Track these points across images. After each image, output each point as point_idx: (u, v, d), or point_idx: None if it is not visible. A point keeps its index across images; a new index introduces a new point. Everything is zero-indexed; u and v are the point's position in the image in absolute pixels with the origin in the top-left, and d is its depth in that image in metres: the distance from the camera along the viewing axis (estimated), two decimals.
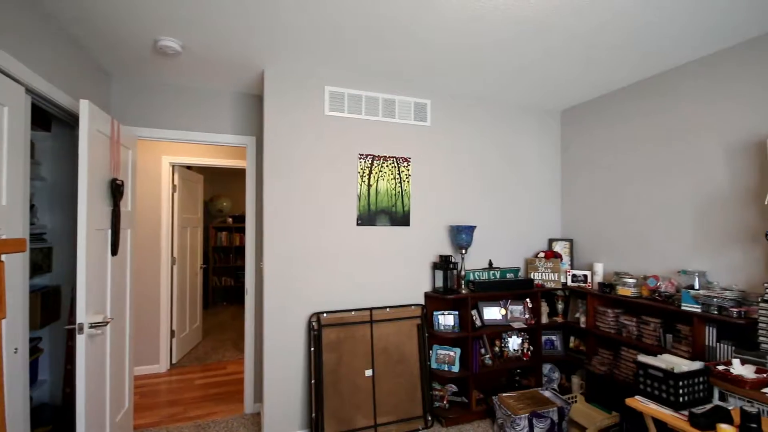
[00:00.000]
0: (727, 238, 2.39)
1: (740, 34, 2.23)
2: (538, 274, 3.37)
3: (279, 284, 2.72)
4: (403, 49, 2.43)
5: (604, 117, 3.26)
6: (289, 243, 2.76)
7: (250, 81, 2.95)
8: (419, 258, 3.14)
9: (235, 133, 3.15)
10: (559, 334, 3.37)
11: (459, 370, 2.97)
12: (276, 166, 2.74)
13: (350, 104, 2.94)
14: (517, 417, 2.57)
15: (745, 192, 2.32)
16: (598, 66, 2.69)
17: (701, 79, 2.55)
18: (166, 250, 4.02)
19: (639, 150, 2.96)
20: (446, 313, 3.07)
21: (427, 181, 3.19)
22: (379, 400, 2.78)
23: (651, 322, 2.59)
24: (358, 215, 2.95)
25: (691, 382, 1.78)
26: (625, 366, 2.69)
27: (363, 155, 2.97)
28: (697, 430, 1.56)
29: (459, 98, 3.32)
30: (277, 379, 2.69)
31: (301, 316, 2.77)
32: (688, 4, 1.94)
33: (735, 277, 2.35)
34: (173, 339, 4.15)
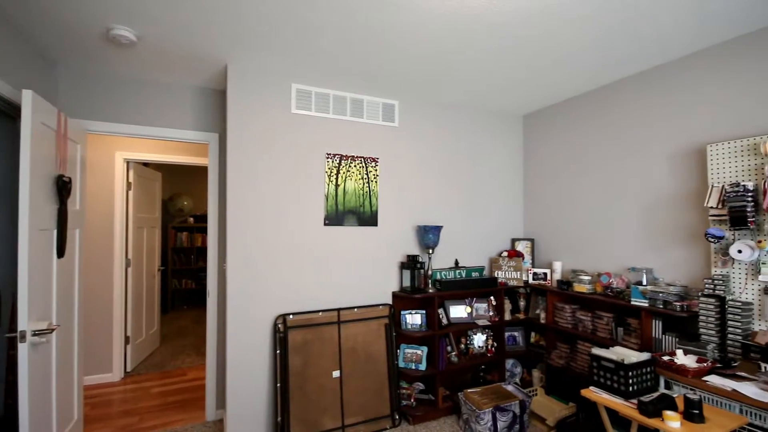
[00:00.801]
0: (672, 238, 2.58)
1: (679, 50, 2.41)
2: (501, 272, 3.48)
3: (243, 286, 2.64)
4: (371, 49, 2.43)
5: (562, 122, 3.41)
6: (254, 243, 2.68)
7: (212, 75, 2.84)
8: (387, 258, 3.16)
9: (196, 129, 3.02)
10: (521, 330, 3.50)
11: (426, 368, 3.01)
12: (240, 165, 2.66)
13: (318, 103, 2.90)
14: (481, 412, 2.64)
15: (687, 195, 2.51)
16: (555, 73, 2.81)
17: (649, 89, 2.73)
18: (120, 252, 3.79)
19: (593, 154, 3.13)
20: (414, 312, 3.10)
21: (395, 182, 3.21)
22: (346, 400, 2.76)
23: (604, 317, 2.75)
24: (326, 215, 2.92)
25: (639, 372, 1.90)
26: (581, 359, 2.84)
27: (331, 155, 2.95)
28: (645, 417, 1.67)
29: (428, 100, 3.37)
30: (241, 383, 2.61)
31: (266, 319, 2.70)
32: (634, 18, 2.07)
33: (678, 273, 2.54)
34: (128, 346, 3.92)
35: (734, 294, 2.19)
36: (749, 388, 1.72)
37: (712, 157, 2.31)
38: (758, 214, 2.10)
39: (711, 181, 2.31)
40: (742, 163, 2.19)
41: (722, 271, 2.24)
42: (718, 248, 2.27)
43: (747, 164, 2.17)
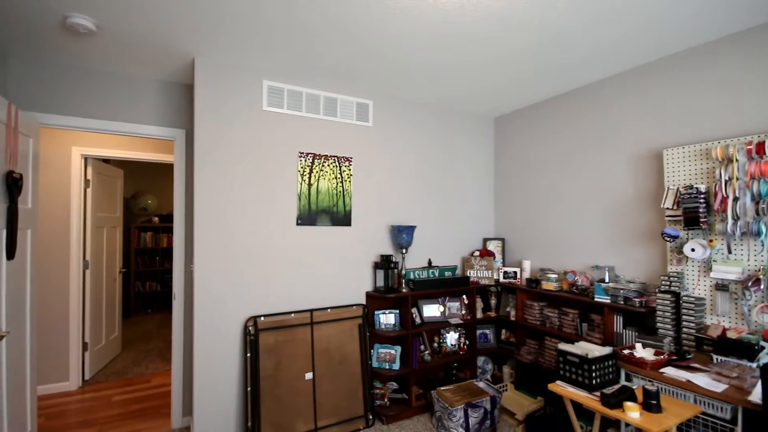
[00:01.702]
0: (632, 237, 2.72)
1: (638, 59, 2.54)
2: (473, 271, 3.55)
3: (211, 288, 2.56)
4: (344, 48, 2.41)
5: (531, 126, 3.52)
6: (223, 244, 2.60)
7: (179, 69, 2.73)
8: (361, 258, 3.14)
9: (161, 125, 2.90)
10: (492, 327, 3.58)
11: (399, 367, 3.02)
12: (208, 162, 2.57)
13: (290, 100, 2.85)
14: (453, 409, 2.68)
15: (646, 196, 2.64)
16: (525, 78, 2.89)
17: (612, 95, 2.86)
18: (77, 253, 3.58)
19: (560, 157, 3.25)
20: (387, 312, 3.11)
21: (368, 182, 3.21)
22: (320, 402, 2.73)
23: (570, 313, 2.85)
24: (299, 215, 2.87)
25: (602, 366, 1.98)
26: (548, 354, 2.93)
27: (303, 153, 2.90)
28: (607, 409, 1.75)
29: (402, 100, 3.38)
30: (209, 388, 2.53)
31: (236, 321, 2.63)
32: (597, 28, 2.16)
33: (638, 271, 2.67)
34: (86, 352, 3.71)
35: (688, 290, 2.33)
36: (702, 379, 1.83)
37: (668, 160, 2.45)
38: (710, 215, 2.25)
39: (667, 183, 2.45)
40: (695, 166, 2.34)
41: (677, 268, 2.38)
42: (673, 247, 2.41)
43: (700, 168, 2.32)
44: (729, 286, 2.16)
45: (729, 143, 2.17)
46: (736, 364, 1.93)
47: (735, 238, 2.13)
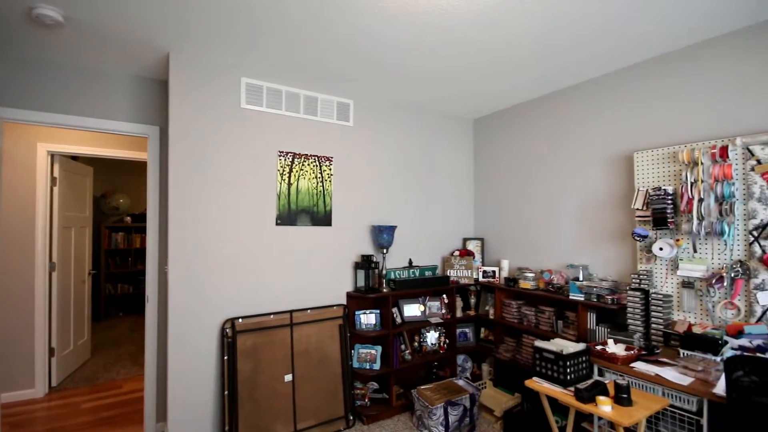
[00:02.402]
0: (605, 236, 2.81)
1: (611, 65, 2.63)
2: (453, 271, 3.58)
3: (187, 290, 2.49)
4: (325, 47, 2.39)
5: (510, 128, 3.59)
6: (199, 244, 2.54)
7: (153, 64, 2.64)
8: (341, 258, 3.13)
9: (134, 121, 2.80)
10: (472, 326, 3.63)
11: (380, 367, 3.02)
12: (184, 160, 2.50)
13: (269, 98, 2.81)
14: (433, 407, 2.70)
15: (617, 197, 2.74)
16: (504, 80, 2.95)
17: (587, 99, 2.94)
18: (43, 254, 3.41)
19: (537, 158, 3.32)
20: (368, 312, 3.10)
21: (349, 181, 3.19)
22: (299, 404, 2.70)
23: (546, 311, 2.93)
24: (278, 214, 2.83)
25: (576, 362, 2.04)
26: (525, 351, 3.00)
27: (283, 152, 2.86)
28: (581, 404, 1.80)
29: (383, 101, 3.38)
30: (184, 393, 2.46)
31: (212, 324, 2.57)
32: (573, 36, 2.23)
33: (610, 269, 2.77)
34: (53, 358, 3.54)
35: (657, 287, 2.43)
36: (670, 373, 1.91)
37: (639, 163, 2.55)
38: (677, 216, 2.35)
39: (637, 185, 2.55)
40: (663, 169, 2.44)
41: (646, 266, 2.48)
42: (642, 246, 2.50)
43: (668, 170, 2.42)
44: (694, 284, 2.26)
45: (695, 147, 2.27)
46: (702, 358, 2.02)
47: (700, 237, 2.23)
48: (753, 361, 1.49)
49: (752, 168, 2.06)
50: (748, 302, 2.07)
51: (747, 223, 2.08)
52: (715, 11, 2.00)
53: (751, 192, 2.06)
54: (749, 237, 2.07)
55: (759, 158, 2.04)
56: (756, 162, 2.05)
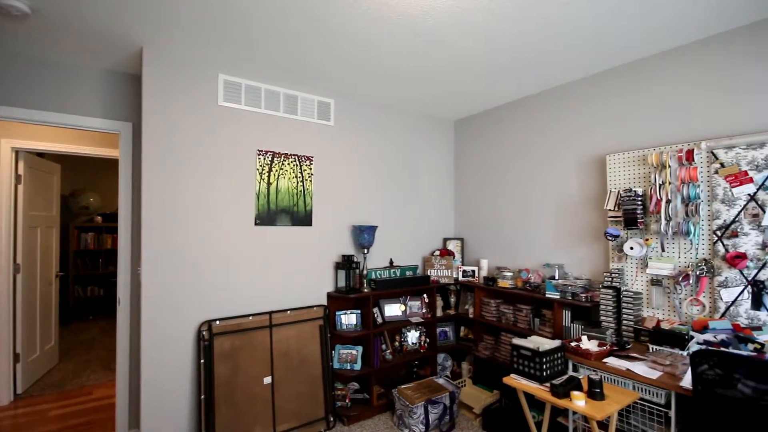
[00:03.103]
0: (579, 236, 2.89)
1: (584, 70, 2.71)
2: (434, 270, 3.62)
3: (161, 292, 2.42)
4: (305, 45, 2.36)
5: (490, 129, 3.65)
6: (174, 245, 2.47)
7: (126, 58, 2.55)
8: (322, 258, 3.11)
9: (105, 117, 2.70)
10: (452, 325, 3.67)
11: (361, 367, 3.02)
12: (158, 158, 2.43)
13: (248, 96, 2.76)
14: (413, 406, 2.72)
15: (591, 198, 2.82)
16: (483, 83, 2.99)
17: (563, 102, 3.02)
18: (7, 255, 3.24)
19: (515, 159, 3.39)
20: (349, 312, 3.09)
21: (330, 181, 3.17)
22: (279, 407, 2.66)
23: (523, 309, 2.99)
24: (257, 214, 2.79)
25: (552, 358, 2.10)
26: (504, 349, 3.06)
27: (262, 151, 2.82)
28: (556, 399, 1.85)
29: (363, 101, 3.38)
30: (158, 399, 2.39)
31: (188, 326, 2.50)
32: (551, 39, 2.29)
33: (584, 268, 2.85)
34: (17, 364, 3.37)
35: (627, 285, 2.52)
36: (640, 367, 1.99)
37: (611, 165, 2.63)
38: (646, 216, 2.44)
39: (609, 186, 2.63)
40: (634, 171, 2.53)
41: (618, 265, 2.57)
42: (614, 245, 2.59)
43: (638, 172, 2.51)
44: (663, 281, 2.36)
45: (663, 150, 2.37)
46: (669, 352, 2.11)
47: (668, 237, 2.33)
48: (717, 355, 1.56)
49: (716, 171, 2.16)
50: (712, 299, 2.18)
51: (711, 224, 2.18)
52: (680, 22, 2.09)
53: (715, 194, 2.17)
54: (713, 237, 2.17)
55: (722, 162, 2.14)
56: (720, 165, 2.15)
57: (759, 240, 2.01)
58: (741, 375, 1.49)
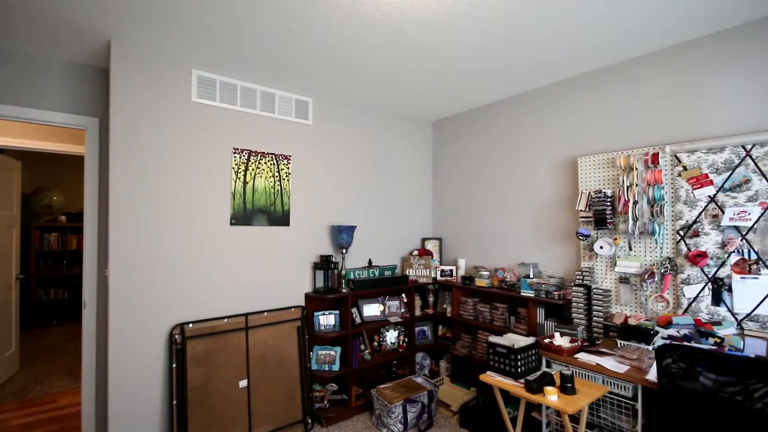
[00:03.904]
0: (552, 236, 2.97)
1: (558, 75, 2.79)
2: (412, 270, 3.64)
3: (129, 294, 2.33)
4: (282, 42, 2.33)
5: (467, 131, 3.70)
6: (144, 245, 2.38)
7: (92, 51, 2.44)
8: (300, 258, 3.07)
9: (70, 111, 2.57)
10: (430, 324, 3.70)
11: (339, 368, 3.00)
12: (127, 155, 2.34)
13: (223, 93, 2.69)
14: (392, 405, 2.73)
15: (564, 199, 2.91)
16: (460, 85, 3.03)
17: (538, 106, 3.10)
18: None
19: (492, 161, 3.45)
20: (327, 312, 3.07)
21: (308, 181, 3.14)
22: (255, 410, 2.61)
23: (500, 307, 3.05)
24: (232, 214, 2.73)
25: (526, 355, 2.15)
26: (481, 347, 3.11)
27: (238, 150, 2.76)
28: (530, 394, 1.90)
29: (342, 100, 3.36)
30: (128, 406, 2.30)
31: (159, 330, 2.42)
32: (524, 44, 2.34)
33: (557, 267, 2.93)
34: None
35: (598, 283, 2.61)
36: (609, 362, 2.07)
37: (582, 167, 2.72)
38: (615, 217, 2.54)
39: (581, 188, 2.72)
40: (604, 173, 2.62)
41: (589, 264, 2.65)
42: (585, 245, 2.68)
43: (607, 175, 2.61)
44: (630, 279, 2.46)
45: (630, 153, 2.47)
46: (636, 347, 2.20)
47: (634, 236, 2.43)
48: (680, 350, 1.64)
49: (679, 174, 2.27)
50: (675, 295, 2.29)
51: (675, 224, 2.29)
52: (646, 31, 2.18)
53: (678, 195, 2.28)
54: (676, 236, 2.28)
55: (685, 165, 2.25)
56: (682, 168, 2.26)
57: (718, 239, 2.13)
58: (702, 368, 1.57)
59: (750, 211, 2.02)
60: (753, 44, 2.07)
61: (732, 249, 2.07)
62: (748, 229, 2.03)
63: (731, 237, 2.08)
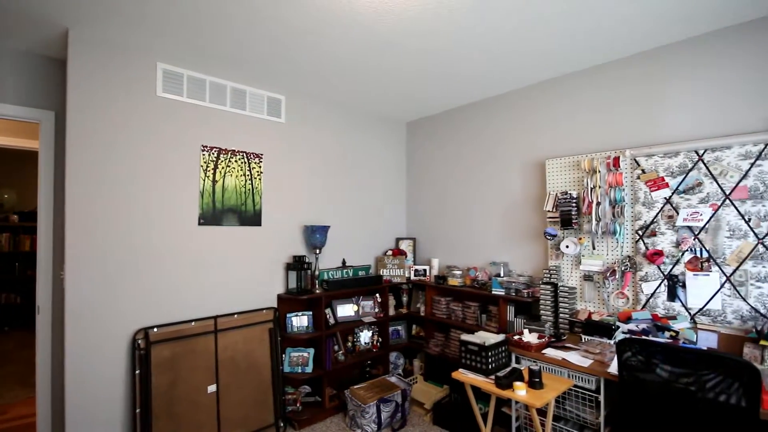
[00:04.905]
0: (522, 235, 3.06)
1: (524, 80, 2.88)
2: (386, 270, 3.65)
3: (88, 298, 2.21)
4: (253, 37, 2.28)
5: (440, 132, 3.75)
6: (104, 246, 2.27)
7: (48, 40, 2.30)
8: (272, 259, 3.01)
9: (23, 104, 2.41)
10: (404, 323, 3.72)
11: (313, 370, 2.97)
12: (85, 151, 2.22)
13: (191, 88, 2.60)
14: (366, 406, 2.72)
15: (533, 200, 3.00)
16: (433, 87, 3.07)
17: (509, 108, 3.18)
18: None
19: (464, 162, 3.52)
20: (300, 314, 3.03)
21: (280, 180, 3.08)
22: (224, 415, 2.54)
23: (472, 306, 3.11)
24: (201, 213, 2.64)
25: (497, 352, 2.20)
26: (453, 345, 3.16)
27: (207, 147, 2.67)
28: (500, 390, 1.95)
29: (316, 98, 3.32)
30: (86, 415, 2.18)
31: (121, 335, 2.31)
32: (496, 48, 2.40)
33: (527, 266, 3.02)
34: None
35: (564, 281, 2.71)
36: (574, 356, 2.15)
37: (550, 169, 2.82)
38: (580, 217, 2.64)
39: (549, 189, 2.82)
40: (569, 175, 2.73)
41: (556, 262, 2.75)
42: (552, 244, 2.78)
43: (573, 177, 2.71)
44: (593, 277, 2.57)
45: (594, 157, 2.57)
46: (599, 342, 2.30)
47: (598, 236, 2.54)
48: (638, 343, 1.73)
49: (638, 176, 2.40)
50: (635, 292, 2.41)
51: (634, 224, 2.41)
52: (609, 41, 2.29)
53: (637, 197, 2.40)
54: (636, 236, 2.40)
55: (643, 168, 2.38)
56: (641, 171, 2.38)
57: (673, 239, 2.26)
58: (659, 360, 1.66)
59: (702, 212, 2.15)
60: (708, 55, 2.21)
61: (686, 248, 2.20)
62: (700, 229, 2.17)
63: (685, 236, 2.21)
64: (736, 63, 2.12)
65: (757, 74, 2.05)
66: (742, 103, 2.09)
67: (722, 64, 2.16)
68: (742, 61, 2.10)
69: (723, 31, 2.15)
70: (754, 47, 2.06)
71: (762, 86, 2.04)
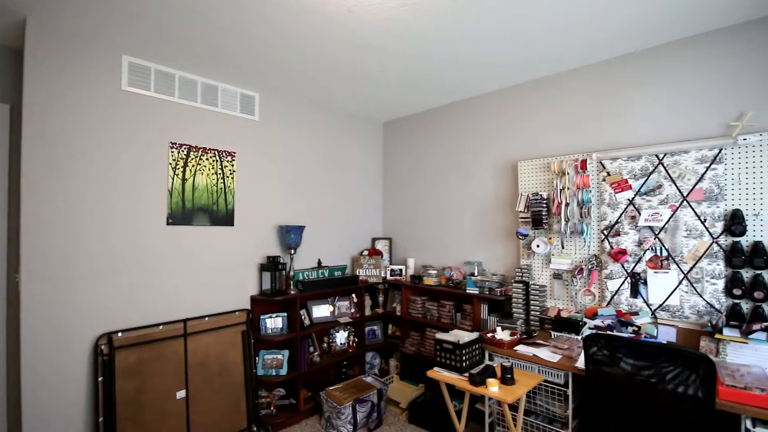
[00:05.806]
0: (495, 235, 3.13)
1: (497, 84, 2.95)
2: (362, 270, 3.64)
3: (46, 302, 2.09)
4: (225, 30, 2.22)
5: (415, 133, 3.78)
6: (63, 247, 2.15)
7: (4, 28, 2.15)
8: (245, 260, 2.94)
9: None
10: (380, 323, 3.73)
11: (287, 372, 2.92)
12: (43, 146, 2.10)
13: (159, 82, 2.51)
14: (341, 407, 2.70)
15: (505, 201, 3.08)
16: (409, 88, 3.09)
17: (480, 112, 3.25)
18: None
19: (440, 163, 3.56)
20: (274, 315, 2.97)
21: (254, 179, 3.02)
22: (195, 422, 2.46)
23: (447, 305, 3.15)
24: (170, 213, 2.55)
25: (471, 350, 2.24)
26: (429, 344, 3.19)
27: (176, 144, 2.58)
28: (474, 387, 1.98)
29: (291, 96, 3.27)
30: (45, 426, 2.06)
31: (82, 340, 2.20)
32: (471, 51, 2.44)
33: (500, 265, 3.09)
34: None
35: (535, 279, 2.79)
36: (544, 352, 2.22)
37: (522, 171, 2.90)
38: (550, 217, 2.73)
39: (521, 190, 2.89)
40: (540, 177, 2.81)
41: (527, 261, 2.83)
42: (524, 244, 2.85)
43: (543, 178, 2.80)
44: (562, 275, 2.66)
45: (563, 159, 2.67)
46: (567, 337, 2.38)
47: (566, 236, 2.63)
48: (604, 338, 1.80)
49: (604, 179, 2.50)
50: (601, 289, 2.51)
51: (600, 224, 2.52)
52: (576, 48, 2.38)
53: (603, 198, 2.50)
54: (601, 235, 2.51)
55: (609, 171, 2.48)
56: (606, 174, 2.49)
57: (636, 238, 2.37)
58: (623, 354, 1.73)
59: (662, 213, 2.27)
60: (672, 63, 2.32)
61: (647, 247, 2.32)
62: (660, 229, 2.28)
63: (646, 236, 2.32)
64: (698, 70, 2.23)
65: (717, 81, 2.17)
66: (703, 108, 2.21)
67: (685, 70, 2.27)
68: (704, 68, 2.21)
69: (687, 39, 2.27)
70: (714, 56, 2.19)
71: (721, 93, 2.16)
